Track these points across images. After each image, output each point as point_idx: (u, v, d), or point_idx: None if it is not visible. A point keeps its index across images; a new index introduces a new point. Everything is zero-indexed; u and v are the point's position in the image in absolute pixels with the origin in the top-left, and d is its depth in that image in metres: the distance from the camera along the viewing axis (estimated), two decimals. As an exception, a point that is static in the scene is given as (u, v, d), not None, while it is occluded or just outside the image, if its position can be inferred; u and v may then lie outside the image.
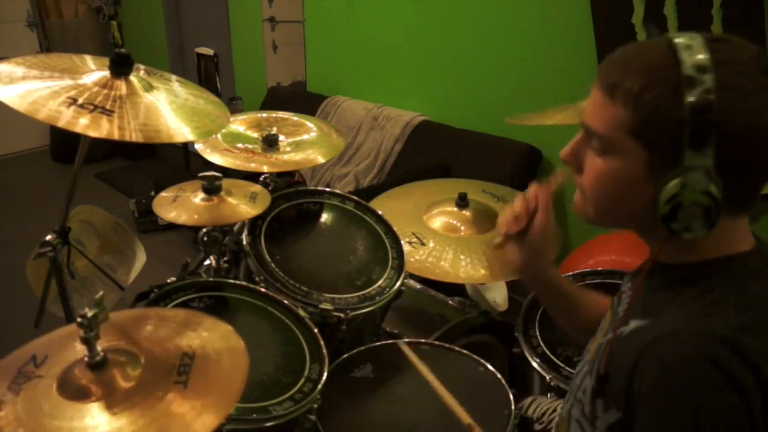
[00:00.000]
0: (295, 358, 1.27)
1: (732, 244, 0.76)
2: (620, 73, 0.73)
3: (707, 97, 0.67)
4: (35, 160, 4.96)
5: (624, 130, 0.73)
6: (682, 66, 0.68)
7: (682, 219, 0.71)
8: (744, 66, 0.69)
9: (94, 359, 0.81)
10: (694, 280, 0.75)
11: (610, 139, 0.75)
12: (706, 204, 0.69)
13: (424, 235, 1.70)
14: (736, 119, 0.67)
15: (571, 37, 2.38)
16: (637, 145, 0.73)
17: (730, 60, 0.69)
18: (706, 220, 0.70)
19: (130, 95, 1.27)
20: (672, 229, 0.72)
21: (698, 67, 0.68)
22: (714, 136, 0.67)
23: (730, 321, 0.68)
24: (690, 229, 0.71)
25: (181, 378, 0.82)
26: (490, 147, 2.68)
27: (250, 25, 4.00)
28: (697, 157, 0.68)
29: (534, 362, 1.46)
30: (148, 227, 3.59)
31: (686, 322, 0.70)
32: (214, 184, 1.54)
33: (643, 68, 0.72)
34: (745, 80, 0.68)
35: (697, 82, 0.67)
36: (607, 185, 0.78)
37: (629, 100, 0.72)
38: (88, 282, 1.73)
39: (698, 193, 0.69)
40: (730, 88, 0.67)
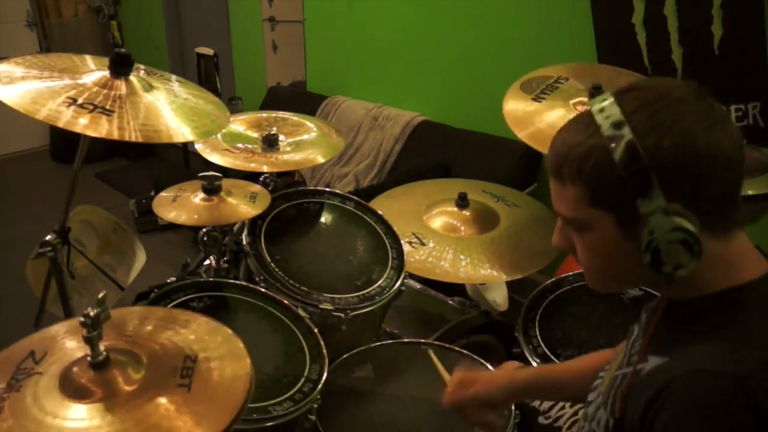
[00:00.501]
0: (295, 358, 1.28)
1: (741, 272, 0.76)
2: (558, 157, 0.78)
3: (632, 149, 0.71)
4: (35, 160, 4.96)
5: (584, 204, 0.77)
6: (600, 129, 0.73)
7: (668, 260, 0.72)
8: (654, 104, 0.72)
9: (96, 359, 0.81)
10: (708, 315, 0.75)
11: (578, 218, 0.79)
12: (682, 238, 0.71)
13: (424, 235, 1.70)
14: (668, 154, 0.70)
15: (571, 37, 2.38)
16: (601, 212, 0.76)
17: (640, 106, 0.73)
18: (691, 252, 0.71)
19: (130, 95, 1.27)
20: (665, 272, 0.73)
21: (614, 125, 0.72)
22: (654, 177, 0.70)
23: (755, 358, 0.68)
24: (680, 266, 0.72)
25: (184, 381, 0.82)
26: (490, 147, 2.68)
27: (250, 25, 4.00)
28: (648, 203, 0.71)
29: (534, 362, 1.46)
30: (148, 227, 3.59)
31: (704, 361, 0.70)
32: (214, 184, 1.54)
33: (575, 143, 0.76)
34: (660, 117, 0.71)
35: (618, 138, 0.71)
36: (596, 257, 0.81)
37: (575, 176, 0.76)
38: (88, 282, 1.73)
39: (667, 231, 0.71)
40: (650, 130, 0.71)
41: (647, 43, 2.14)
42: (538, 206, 1.92)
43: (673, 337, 0.77)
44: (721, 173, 0.72)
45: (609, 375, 0.89)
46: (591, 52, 2.29)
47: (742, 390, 0.66)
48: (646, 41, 2.15)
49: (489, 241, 1.70)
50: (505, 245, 1.69)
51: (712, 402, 0.67)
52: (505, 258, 1.65)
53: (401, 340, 1.59)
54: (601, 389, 0.90)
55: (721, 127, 0.72)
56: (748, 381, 0.66)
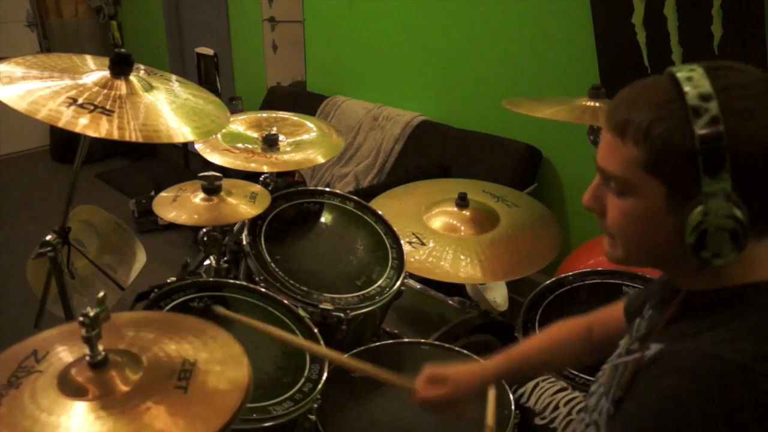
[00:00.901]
0: (295, 358, 1.28)
1: (756, 271, 0.75)
2: (627, 112, 0.74)
3: (715, 124, 0.68)
4: (35, 160, 4.96)
5: (639, 168, 0.74)
6: (686, 97, 0.70)
7: (711, 245, 0.71)
8: (746, 89, 0.70)
9: (95, 358, 0.81)
10: (717, 308, 0.75)
11: (627, 179, 0.75)
12: (732, 227, 0.69)
13: (424, 235, 1.70)
14: (747, 140, 0.68)
15: (572, 37, 2.38)
16: (654, 180, 0.73)
17: (731, 85, 0.70)
18: (735, 244, 0.70)
19: (130, 95, 1.27)
20: (702, 257, 0.72)
21: (702, 96, 0.69)
22: (727, 160, 0.68)
23: (750, 351, 0.68)
24: (720, 255, 0.71)
25: (181, 383, 0.82)
26: (490, 147, 2.68)
27: (250, 25, 4.00)
28: (714, 183, 0.69)
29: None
30: (148, 227, 3.58)
31: (709, 346, 0.70)
32: (214, 184, 1.54)
33: (649, 104, 0.73)
34: (749, 102, 0.69)
35: (703, 111, 0.68)
36: (631, 224, 0.78)
37: (639, 137, 0.73)
38: (88, 282, 1.73)
39: (722, 217, 0.69)
40: (736, 112, 0.68)
41: (647, 43, 2.14)
42: (538, 206, 1.92)
43: (675, 325, 0.77)
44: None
45: (610, 365, 0.89)
46: (591, 52, 2.29)
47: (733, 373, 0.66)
48: (646, 41, 2.14)
49: (489, 241, 1.70)
50: (505, 245, 1.69)
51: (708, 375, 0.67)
52: (505, 258, 1.65)
53: (401, 340, 1.59)
54: (602, 380, 0.90)
55: None
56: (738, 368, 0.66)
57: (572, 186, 2.59)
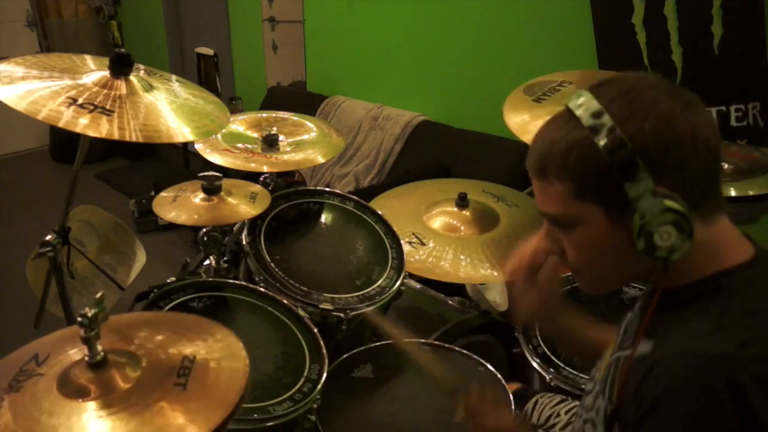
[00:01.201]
0: (295, 358, 1.28)
1: (726, 257, 0.77)
2: (540, 155, 0.80)
3: (613, 133, 0.72)
4: (35, 160, 4.96)
5: (571, 199, 0.77)
6: (581, 120, 0.74)
7: (661, 244, 0.73)
8: (629, 93, 0.74)
9: (94, 359, 0.81)
10: (695, 300, 0.76)
11: (566, 214, 0.79)
12: (673, 219, 0.71)
13: (424, 235, 1.70)
14: (650, 137, 0.72)
15: (571, 37, 2.38)
16: (589, 205, 0.77)
17: (615, 96, 0.75)
18: (682, 233, 0.72)
19: (130, 95, 1.27)
20: (659, 257, 0.74)
21: (594, 114, 0.74)
22: (638, 161, 0.72)
23: (735, 338, 0.69)
24: (674, 249, 0.73)
25: (180, 380, 0.82)
26: (490, 147, 2.68)
27: (250, 25, 4.00)
28: (636, 186, 0.72)
29: (534, 362, 1.46)
30: (148, 227, 3.59)
31: (686, 343, 0.71)
32: (214, 184, 1.54)
33: (555, 140, 0.77)
34: (636, 104, 0.73)
35: (600, 126, 0.73)
36: (588, 253, 0.81)
37: (559, 172, 0.77)
38: (87, 282, 1.73)
39: (658, 214, 0.71)
40: (628, 117, 0.73)
41: (647, 43, 2.14)
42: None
43: (661, 322, 0.79)
44: (702, 154, 0.73)
45: (605, 363, 0.90)
46: (591, 52, 2.29)
47: (720, 370, 0.67)
48: (646, 41, 2.14)
49: (489, 241, 1.70)
50: (505, 245, 1.69)
51: (691, 383, 0.68)
52: (506, 258, 1.65)
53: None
54: (597, 377, 0.91)
55: (695, 110, 0.74)
56: (726, 360, 0.67)
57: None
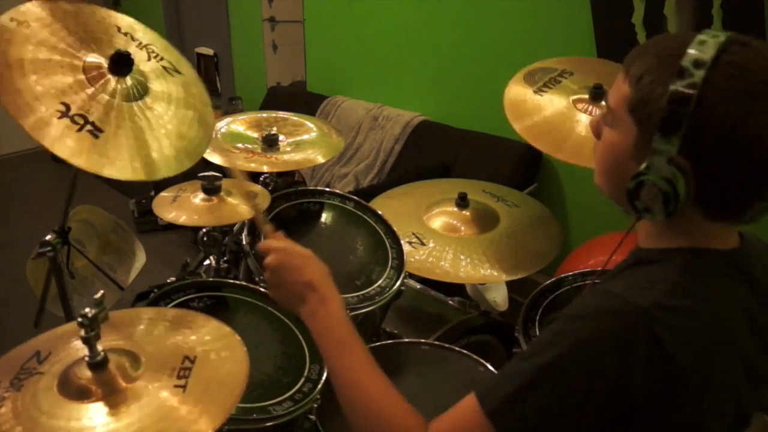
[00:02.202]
0: (295, 358, 1.28)
1: (704, 239, 0.77)
2: (637, 55, 0.78)
3: (690, 90, 0.69)
4: (35, 160, 4.95)
5: (625, 105, 0.77)
6: (683, 57, 0.71)
7: (644, 199, 0.75)
8: (746, 72, 0.69)
9: (94, 359, 0.81)
10: (651, 263, 0.78)
11: (615, 112, 0.80)
12: (665, 189, 0.72)
13: (424, 235, 1.70)
14: (714, 118, 0.69)
15: (572, 37, 2.38)
16: (631, 121, 0.77)
17: (733, 62, 0.70)
18: (665, 206, 0.73)
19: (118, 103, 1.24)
20: (635, 207, 0.77)
21: (696, 62, 0.70)
22: (683, 127, 0.70)
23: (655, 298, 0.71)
24: (650, 211, 0.75)
25: (181, 381, 0.82)
26: (490, 147, 2.68)
27: (250, 25, 4.00)
28: (663, 142, 0.72)
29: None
30: (148, 227, 3.58)
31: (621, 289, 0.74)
32: (214, 184, 1.54)
33: (656, 53, 0.75)
34: (736, 84, 0.69)
35: (688, 75, 0.70)
36: (606, 155, 0.84)
37: (634, 79, 0.76)
38: (87, 282, 1.73)
39: (658, 177, 0.72)
40: (717, 88, 0.69)
41: (647, 43, 2.15)
42: (538, 206, 1.92)
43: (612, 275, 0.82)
44: (755, 170, 0.70)
45: None
46: (591, 52, 2.29)
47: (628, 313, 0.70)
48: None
49: (489, 241, 1.70)
50: (505, 245, 1.69)
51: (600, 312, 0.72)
52: (505, 258, 1.65)
53: (401, 340, 1.59)
54: None
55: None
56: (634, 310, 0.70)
57: (572, 186, 2.59)
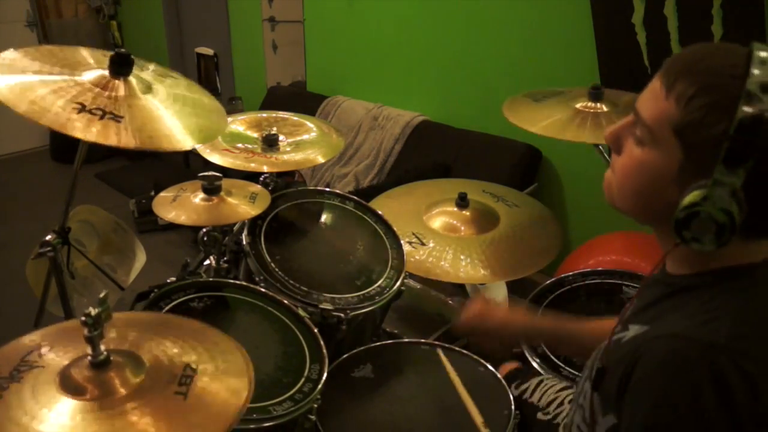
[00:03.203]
0: (295, 358, 1.27)
1: (742, 255, 0.74)
2: (685, 68, 0.71)
3: (760, 118, 0.64)
4: (35, 160, 4.95)
5: (669, 125, 0.71)
6: (749, 79, 0.65)
7: (695, 229, 0.69)
8: None
9: (97, 358, 0.81)
10: (698, 290, 0.75)
11: (654, 131, 0.73)
12: (722, 222, 0.67)
13: (424, 235, 1.70)
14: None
15: (571, 37, 2.38)
16: (677, 144, 0.71)
17: None
18: (718, 238, 0.69)
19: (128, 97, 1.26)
20: (682, 237, 0.71)
21: (763, 86, 0.64)
22: (752, 158, 0.65)
23: (727, 330, 0.68)
24: (699, 241, 0.70)
25: (182, 389, 0.82)
26: (490, 147, 2.68)
27: (250, 25, 4.00)
28: (727, 174, 0.66)
29: (534, 362, 1.46)
30: (148, 227, 3.58)
31: (684, 328, 0.70)
32: (214, 184, 1.54)
33: (709, 71, 0.69)
34: None
35: (756, 100, 0.64)
36: (637, 175, 0.77)
37: (683, 98, 0.70)
38: (87, 282, 1.73)
39: (717, 209, 0.67)
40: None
41: (647, 43, 2.14)
42: (538, 206, 1.92)
43: (658, 308, 0.78)
44: None
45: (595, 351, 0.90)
46: (591, 52, 2.29)
47: (704, 355, 0.66)
48: (646, 41, 2.14)
49: (489, 241, 1.70)
50: (505, 245, 1.69)
51: (676, 364, 0.67)
52: (505, 258, 1.65)
53: (401, 340, 1.59)
54: (588, 363, 0.91)
55: None
56: (712, 348, 0.66)
57: (572, 186, 2.59)
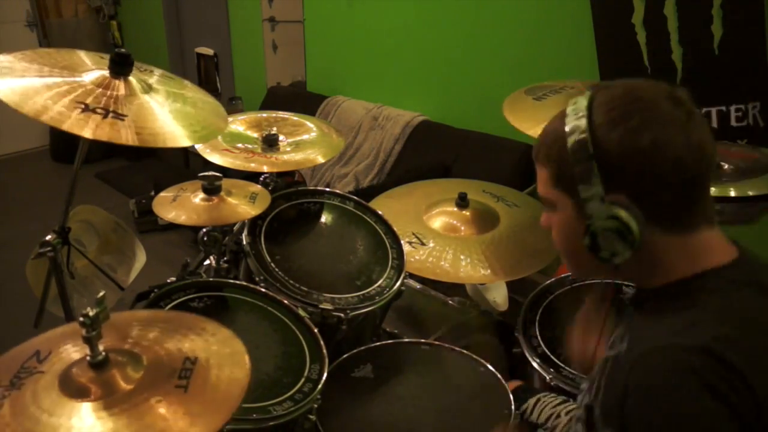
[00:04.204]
0: (295, 358, 1.27)
1: (706, 259, 0.79)
2: (539, 141, 0.87)
3: (581, 137, 0.77)
4: (35, 160, 4.96)
5: (550, 185, 0.84)
6: (566, 119, 0.80)
7: (604, 246, 0.78)
8: (615, 101, 0.78)
9: (95, 358, 0.81)
10: (675, 300, 0.78)
11: (546, 196, 0.86)
12: (615, 227, 0.76)
13: (424, 235, 1.70)
14: (612, 147, 0.76)
15: (571, 37, 2.38)
16: (562, 194, 0.83)
17: (603, 101, 0.79)
18: (625, 242, 0.76)
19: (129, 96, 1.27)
20: (601, 258, 0.79)
21: (575, 113, 0.80)
22: (594, 167, 0.76)
23: (709, 332, 0.71)
24: (616, 254, 0.78)
25: (182, 382, 0.82)
26: (490, 147, 2.68)
27: (250, 25, 4.00)
28: (587, 189, 0.77)
29: (534, 362, 1.46)
30: (148, 227, 3.59)
31: (667, 337, 0.73)
32: (214, 184, 1.54)
33: (549, 132, 0.84)
34: (614, 113, 0.77)
35: (575, 128, 0.78)
36: (559, 236, 0.87)
37: (544, 159, 0.84)
38: (87, 282, 1.73)
39: (603, 219, 0.76)
40: (601, 124, 0.77)
41: (647, 43, 2.14)
42: (538, 206, 1.91)
43: (640, 323, 0.81)
44: (669, 172, 0.75)
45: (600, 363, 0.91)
46: (591, 52, 2.29)
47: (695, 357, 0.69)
48: (646, 41, 2.14)
49: (489, 241, 1.70)
50: (505, 245, 1.69)
51: (664, 377, 0.70)
52: (505, 258, 1.65)
53: (401, 340, 1.59)
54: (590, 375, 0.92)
55: (678, 128, 0.75)
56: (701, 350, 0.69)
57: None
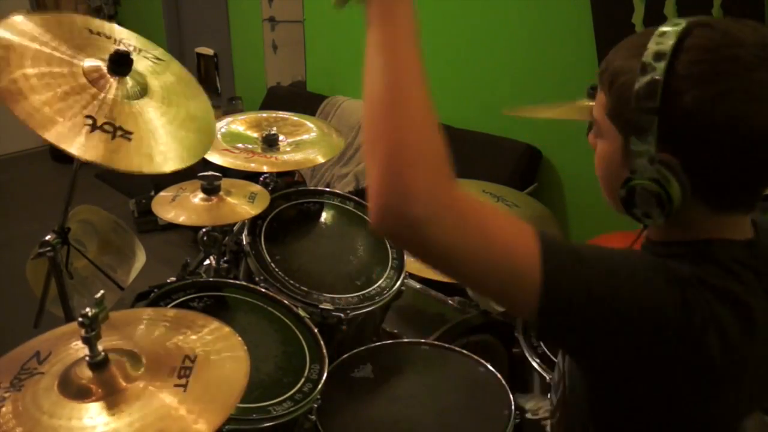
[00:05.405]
0: (295, 358, 1.28)
1: (719, 230, 0.73)
2: (609, 59, 0.75)
3: (652, 83, 0.66)
4: (35, 160, 4.95)
5: (606, 113, 0.74)
6: (644, 53, 0.67)
7: (640, 205, 0.71)
8: (705, 52, 0.66)
9: (94, 359, 0.81)
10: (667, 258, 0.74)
11: (598, 123, 0.77)
12: (656, 191, 0.68)
13: (424, 235, 1.70)
14: (681, 108, 0.65)
15: (572, 37, 2.38)
16: (614, 128, 0.74)
17: (694, 46, 0.66)
18: (661, 209, 0.69)
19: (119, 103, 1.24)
20: (634, 215, 0.72)
21: (656, 55, 0.67)
22: (654, 123, 0.66)
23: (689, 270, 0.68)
24: (649, 216, 0.71)
25: (181, 381, 0.82)
26: (490, 147, 2.67)
27: (250, 25, 4.00)
28: (640, 143, 0.68)
29: (534, 362, 1.46)
30: (148, 227, 3.58)
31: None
32: (214, 184, 1.54)
33: (623, 54, 0.72)
34: (701, 67, 0.65)
35: (650, 69, 0.66)
36: (600, 166, 0.80)
37: (607, 85, 0.73)
38: (87, 282, 1.73)
39: (646, 179, 0.68)
40: (681, 76, 0.65)
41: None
42: (538, 206, 1.92)
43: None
44: (738, 151, 0.65)
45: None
46: (591, 52, 2.29)
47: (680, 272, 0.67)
48: (646, 41, 2.15)
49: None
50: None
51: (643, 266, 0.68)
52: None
53: (401, 340, 1.59)
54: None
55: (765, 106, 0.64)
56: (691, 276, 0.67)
57: (572, 186, 2.59)
